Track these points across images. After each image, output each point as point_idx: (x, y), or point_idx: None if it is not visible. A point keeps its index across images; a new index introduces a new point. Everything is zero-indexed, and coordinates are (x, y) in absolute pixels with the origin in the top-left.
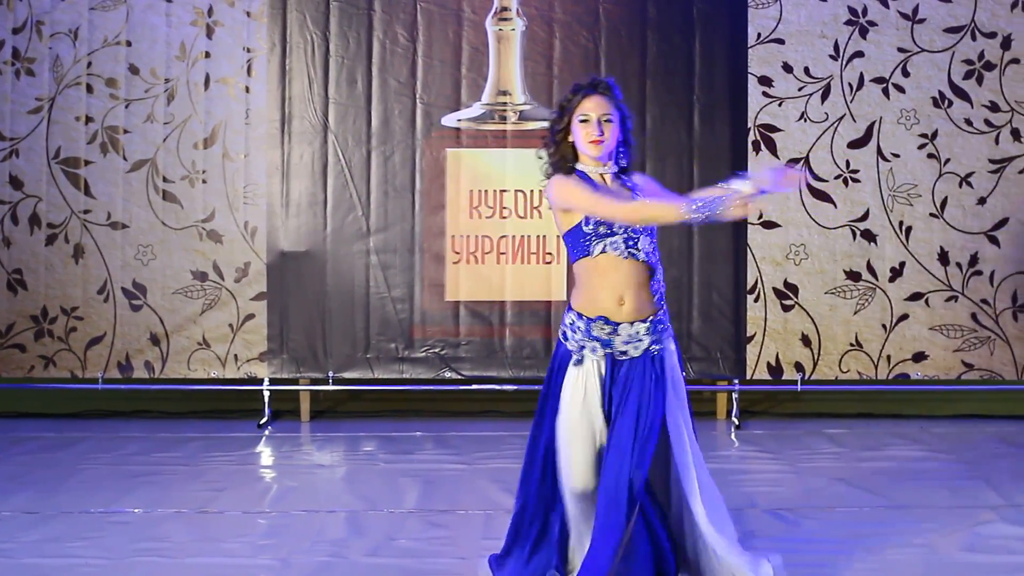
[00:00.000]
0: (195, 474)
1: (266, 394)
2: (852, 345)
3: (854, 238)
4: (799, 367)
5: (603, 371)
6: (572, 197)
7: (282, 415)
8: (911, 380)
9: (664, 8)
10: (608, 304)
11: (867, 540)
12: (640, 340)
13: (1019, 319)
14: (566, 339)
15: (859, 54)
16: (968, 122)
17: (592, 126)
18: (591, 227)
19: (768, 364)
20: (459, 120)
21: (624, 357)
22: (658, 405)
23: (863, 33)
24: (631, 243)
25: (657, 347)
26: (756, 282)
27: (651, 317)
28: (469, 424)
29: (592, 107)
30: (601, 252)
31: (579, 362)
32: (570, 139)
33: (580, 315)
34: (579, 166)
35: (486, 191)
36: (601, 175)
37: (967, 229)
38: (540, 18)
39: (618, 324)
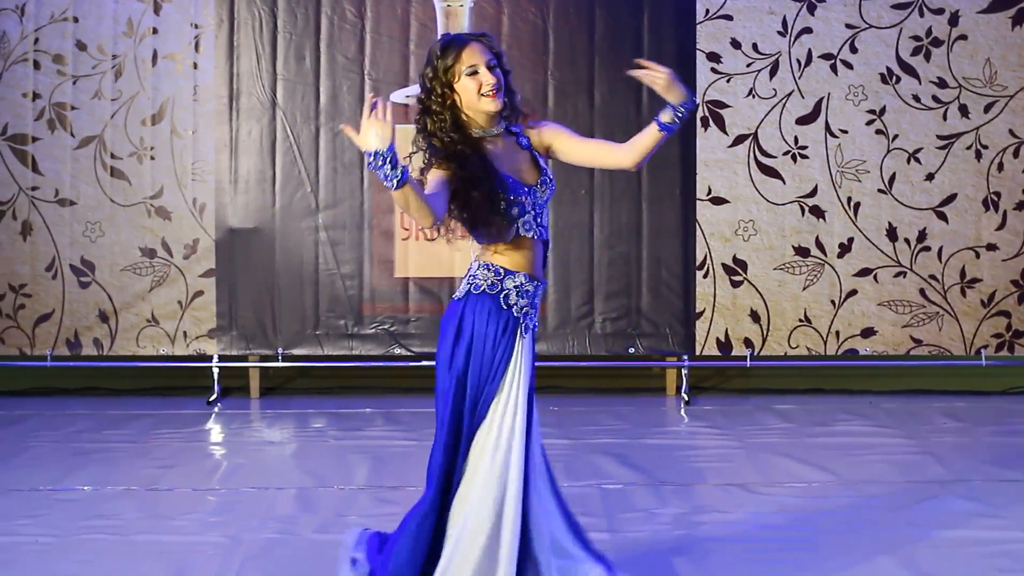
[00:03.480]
0: (144, 451)
1: (215, 371)
2: (801, 321)
3: (803, 214)
4: (748, 343)
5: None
6: None
7: (231, 392)
8: (860, 356)
9: None
10: (523, 261)
11: (815, 515)
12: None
13: (967, 295)
14: (507, 303)
15: (807, 30)
16: (916, 98)
17: (482, 76)
18: (510, 204)
19: (717, 340)
20: (407, 96)
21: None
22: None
23: (811, 9)
24: (538, 219)
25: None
26: (705, 258)
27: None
28: (419, 400)
29: (472, 56)
30: (516, 235)
31: (527, 330)
32: (455, 101)
33: (529, 276)
34: (472, 133)
35: None
36: (493, 137)
37: (915, 205)
38: None
39: (538, 284)
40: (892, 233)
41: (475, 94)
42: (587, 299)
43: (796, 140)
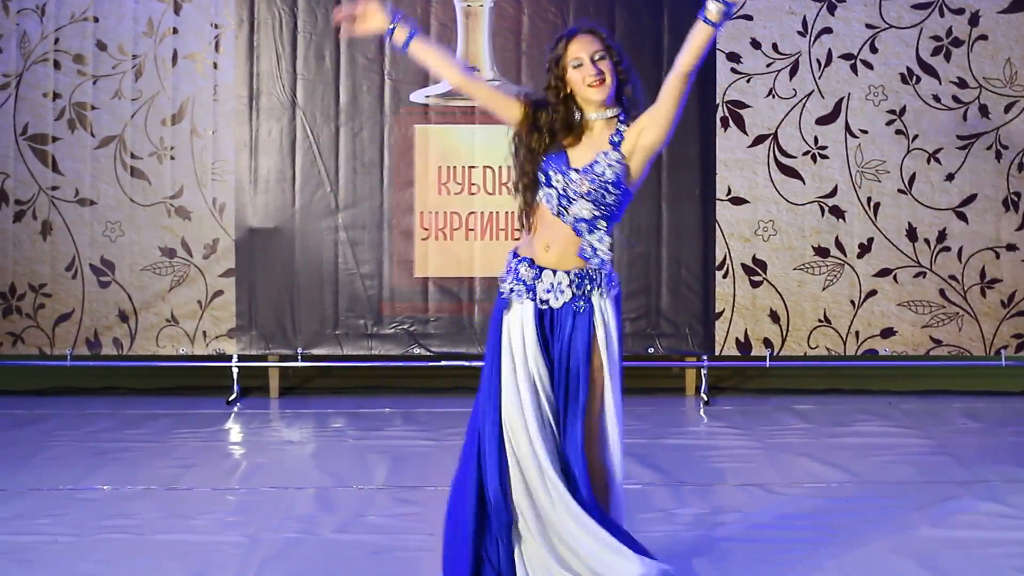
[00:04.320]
0: (164, 451)
1: (235, 371)
2: (820, 321)
3: (822, 214)
4: (768, 343)
5: (533, 317)
6: None
7: (251, 392)
8: (879, 356)
9: None
10: (537, 248)
11: (835, 516)
12: (562, 291)
13: (987, 295)
14: (502, 281)
15: (827, 30)
16: (936, 98)
17: (586, 68)
18: (541, 173)
19: (737, 340)
20: (427, 96)
21: (545, 307)
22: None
23: (831, 9)
24: (563, 201)
25: (582, 303)
26: (725, 258)
27: (575, 270)
28: (438, 400)
29: (580, 48)
30: (542, 197)
31: (508, 306)
32: (569, 92)
33: (515, 253)
34: (587, 117)
35: (455, 167)
36: (591, 121)
37: (935, 205)
38: None
39: (542, 269)
40: (912, 233)
41: (581, 85)
42: None
43: (816, 140)
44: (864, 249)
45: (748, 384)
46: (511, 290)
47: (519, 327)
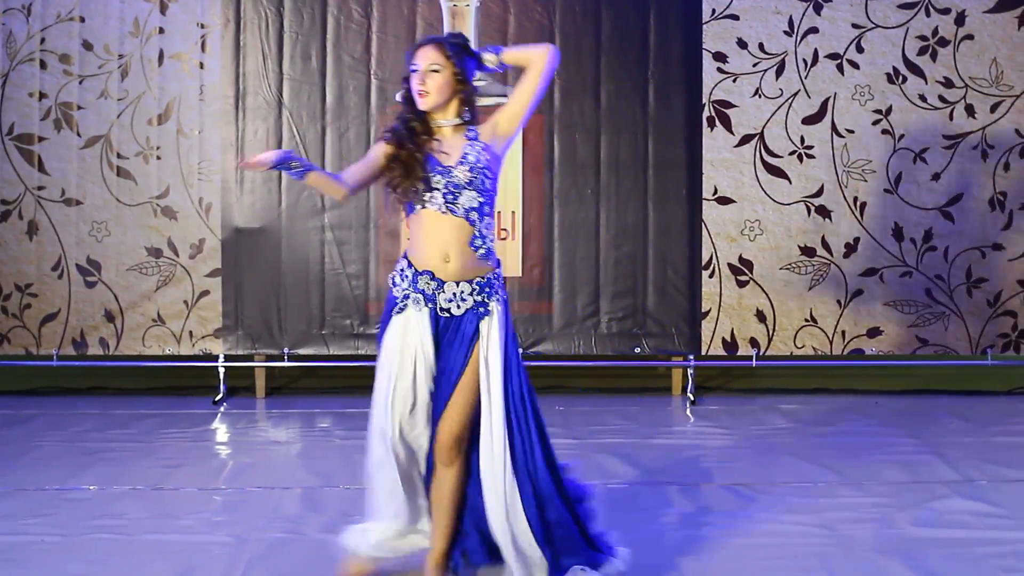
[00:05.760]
0: (150, 451)
1: (221, 371)
2: (807, 321)
3: (809, 214)
4: (754, 343)
5: (427, 323)
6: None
7: (237, 391)
8: (866, 356)
9: None
10: (435, 260)
11: (822, 515)
12: (464, 300)
13: (973, 295)
14: (395, 285)
15: (813, 30)
16: (922, 98)
17: (417, 78)
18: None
19: (723, 340)
20: None
21: (446, 314)
22: (457, 371)
23: (817, 9)
24: (449, 197)
25: (481, 308)
26: (711, 258)
27: (477, 279)
28: None
29: (419, 58)
30: (422, 208)
31: (402, 310)
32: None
33: (410, 264)
34: (437, 123)
35: None
36: (441, 127)
37: (921, 205)
38: None
39: (444, 282)
40: (898, 233)
41: (414, 93)
42: (593, 299)
43: (802, 140)
44: (850, 249)
45: (734, 384)
46: (406, 296)
47: (416, 333)
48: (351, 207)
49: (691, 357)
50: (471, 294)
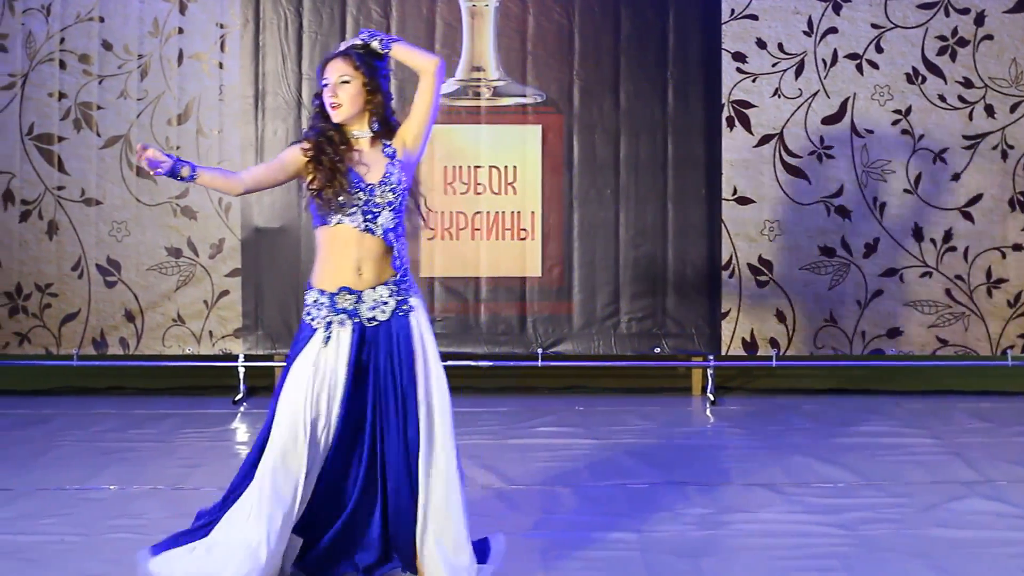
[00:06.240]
0: (170, 450)
1: (241, 370)
2: (827, 321)
3: (828, 214)
4: (774, 343)
5: (350, 345)
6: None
7: (257, 391)
8: (886, 356)
9: None
10: (348, 275)
11: (842, 516)
12: (386, 303)
13: (993, 295)
14: (311, 318)
15: (833, 30)
16: (942, 98)
17: (329, 91)
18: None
19: (743, 340)
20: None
21: (374, 323)
22: (407, 373)
23: (837, 9)
24: (368, 216)
25: (405, 307)
26: (730, 258)
27: (392, 279)
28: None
29: (329, 71)
30: (337, 223)
31: (328, 339)
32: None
33: (322, 291)
34: (352, 135)
35: (460, 167)
36: (357, 139)
37: (941, 205)
38: None
39: (361, 292)
40: (918, 233)
41: (327, 107)
42: (613, 299)
43: (822, 140)
44: (870, 249)
45: (754, 384)
46: (329, 321)
47: (343, 351)
48: None
49: (711, 357)
50: (391, 295)
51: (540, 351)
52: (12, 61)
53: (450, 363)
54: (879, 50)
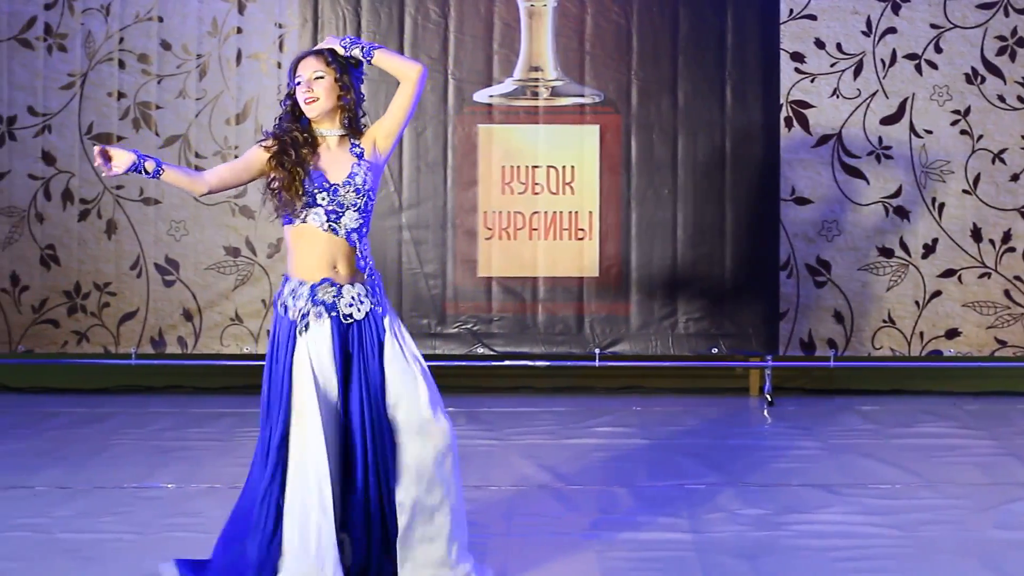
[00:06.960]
0: (227, 449)
1: None
2: (885, 322)
3: (887, 214)
4: (832, 343)
5: (331, 338)
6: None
7: None
8: (944, 357)
9: None
10: (326, 270)
11: (899, 517)
12: (362, 302)
13: None
14: (286, 310)
15: (891, 30)
16: (1001, 98)
17: (303, 87)
18: (306, 194)
19: (801, 340)
20: (491, 96)
21: (349, 320)
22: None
23: (895, 9)
24: (332, 216)
25: (379, 308)
26: (788, 258)
27: (365, 280)
28: (501, 400)
29: (302, 68)
30: (302, 221)
31: (306, 328)
32: (302, 112)
33: (302, 282)
34: (321, 134)
35: (518, 167)
36: (325, 137)
37: (1000, 206)
38: None
39: (341, 286)
40: (977, 234)
41: (301, 103)
42: (670, 299)
43: (880, 140)
44: (928, 250)
45: (812, 385)
46: (305, 314)
47: (326, 345)
48: (428, 207)
49: (768, 358)
50: (366, 296)
51: (597, 351)
52: (72, 61)
53: (507, 363)
54: (938, 50)
